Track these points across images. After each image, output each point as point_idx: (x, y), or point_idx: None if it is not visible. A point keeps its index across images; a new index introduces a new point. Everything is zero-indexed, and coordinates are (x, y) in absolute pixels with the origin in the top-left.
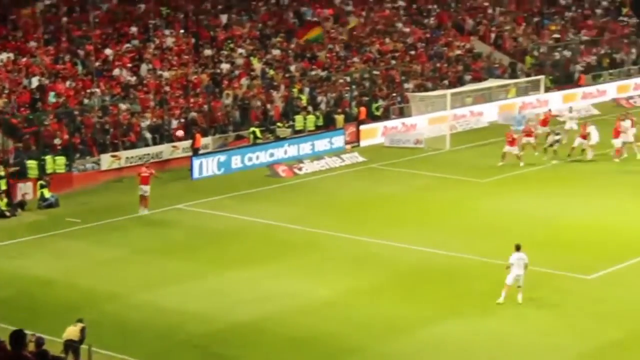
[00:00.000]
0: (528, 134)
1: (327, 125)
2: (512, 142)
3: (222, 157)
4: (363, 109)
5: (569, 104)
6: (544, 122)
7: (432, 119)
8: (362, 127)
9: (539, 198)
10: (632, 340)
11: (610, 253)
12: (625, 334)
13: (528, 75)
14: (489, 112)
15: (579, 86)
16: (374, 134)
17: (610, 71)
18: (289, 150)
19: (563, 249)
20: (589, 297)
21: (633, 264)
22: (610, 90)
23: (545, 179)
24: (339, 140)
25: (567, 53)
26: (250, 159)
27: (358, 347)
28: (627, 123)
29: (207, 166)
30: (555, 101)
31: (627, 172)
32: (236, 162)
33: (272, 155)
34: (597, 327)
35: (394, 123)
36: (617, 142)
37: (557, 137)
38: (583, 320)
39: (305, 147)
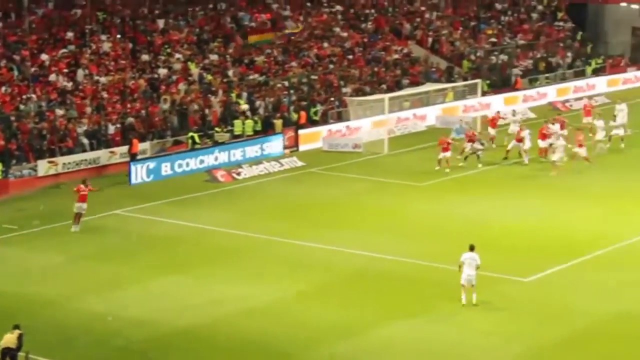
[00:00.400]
0: (471, 139)
1: (266, 130)
2: (446, 148)
3: (161, 163)
4: (303, 114)
5: (511, 107)
6: (493, 124)
7: (374, 123)
8: (300, 132)
9: (476, 201)
10: (569, 341)
11: (547, 255)
12: (562, 335)
13: (465, 79)
14: (428, 116)
15: (516, 90)
16: (313, 138)
17: (547, 75)
18: (227, 155)
19: (500, 252)
20: (526, 300)
21: (569, 266)
22: (550, 93)
23: (482, 183)
24: (277, 145)
25: (504, 57)
26: (188, 164)
27: (301, 350)
28: (555, 127)
29: (145, 172)
30: (497, 104)
31: (560, 176)
32: (175, 167)
33: (210, 160)
34: (535, 328)
35: (339, 126)
36: (542, 144)
37: (480, 147)
38: (521, 322)
39: (244, 152)
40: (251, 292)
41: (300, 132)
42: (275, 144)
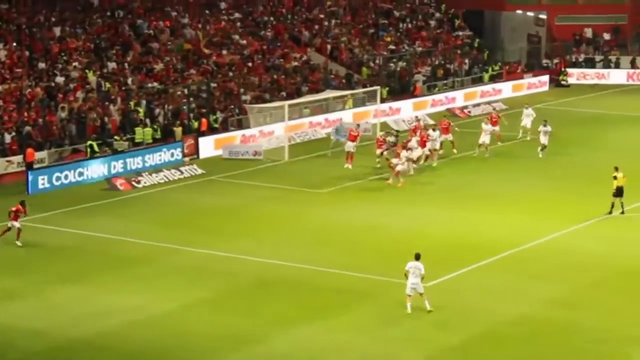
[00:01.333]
0: (380, 144)
1: (166, 138)
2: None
3: (59, 171)
4: (204, 121)
5: (416, 112)
6: (414, 131)
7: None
8: (201, 139)
9: (375, 207)
10: (468, 345)
11: (445, 260)
12: (461, 339)
13: (364, 86)
14: (327, 123)
15: (415, 96)
16: (213, 146)
17: (445, 81)
18: (127, 163)
19: (399, 258)
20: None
21: (466, 271)
22: (448, 99)
23: (382, 189)
24: (177, 153)
25: (402, 64)
26: (87, 173)
27: None
28: (435, 133)
29: (43, 180)
30: (406, 110)
31: (461, 181)
32: (73, 176)
33: (110, 168)
34: (434, 333)
35: (253, 131)
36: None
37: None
38: (421, 327)
39: (143, 160)
40: (149, 301)
41: (201, 139)
42: (175, 152)
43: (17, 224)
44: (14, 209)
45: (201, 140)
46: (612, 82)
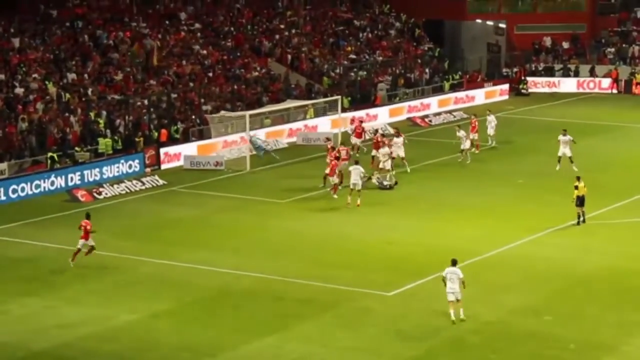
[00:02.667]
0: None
1: (127, 149)
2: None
3: (19, 183)
4: (164, 131)
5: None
6: (358, 134)
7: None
8: (162, 150)
9: (338, 217)
10: (431, 354)
11: (409, 269)
12: (424, 348)
13: (325, 95)
14: (289, 133)
15: (376, 106)
16: (175, 156)
17: (406, 91)
18: (88, 174)
19: (362, 267)
20: (390, 314)
21: (430, 279)
22: (409, 109)
23: (343, 198)
24: (138, 164)
25: (363, 73)
26: (48, 185)
27: None
28: (399, 139)
29: (2, 192)
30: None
31: (421, 190)
32: (33, 187)
33: (70, 179)
34: (398, 342)
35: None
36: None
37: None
38: (384, 336)
39: (104, 171)
40: (111, 313)
41: (162, 150)
42: (136, 163)
43: (89, 242)
44: (82, 225)
45: (162, 150)
46: (563, 91)
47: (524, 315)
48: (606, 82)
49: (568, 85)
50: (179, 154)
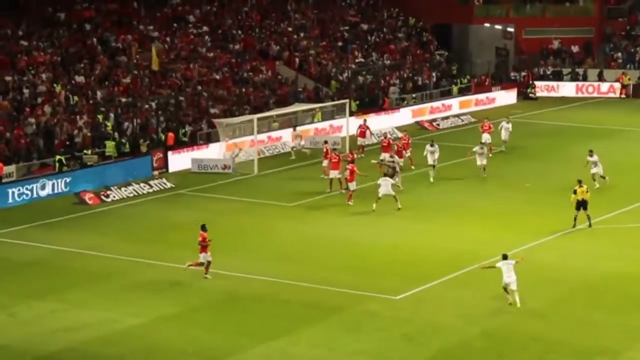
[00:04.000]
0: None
1: (134, 152)
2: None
3: (27, 186)
4: (171, 135)
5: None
6: (361, 133)
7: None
8: (170, 153)
9: (345, 221)
10: (437, 359)
11: (416, 273)
12: (431, 352)
13: (333, 99)
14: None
15: (384, 109)
16: (182, 159)
17: (414, 94)
18: (96, 177)
19: (370, 271)
20: (396, 318)
21: (437, 283)
22: (418, 112)
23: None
24: (146, 167)
25: (371, 77)
26: (56, 187)
27: None
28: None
29: (11, 195)
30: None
31: (429, 194)
32: (42, 190)
33: (78, 182)
34: (404, 346)
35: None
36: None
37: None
38: (391, 340)
39: (112, 174)
40: (118, 316)
41: (170, 153)
42: (143, 166)
43: (208, 256)
44: (200, 239)
45: (170, 153)
46: (561, 95)
47: (530, 319)
48: (605, 86)
49: (568, 89)
50: (187, 156)
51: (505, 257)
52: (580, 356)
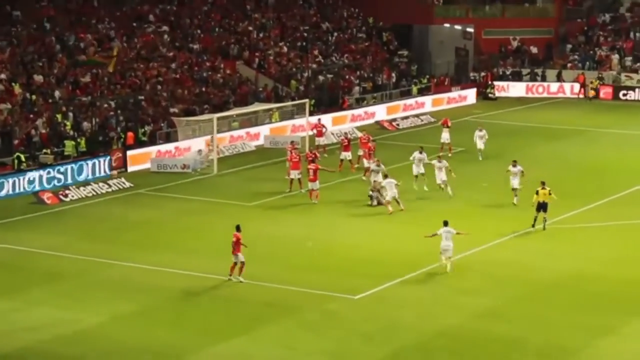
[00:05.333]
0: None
1: (93, 151)
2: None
3: None
4: (130, 134)
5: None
6: (319, 133)
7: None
8: (129, 153)
9: (304, 220)
10: (395, 358)
11: (376, 273)
12: (389, 352)
13: (293, 99)
14: (257, 136)
15: (344, 109)
16: (141, 159)
17: (374, 94)
18: (54, 176)
19: (329, 270)
20: (356, 317)
21: (396, 283)
22: (378, 112)
23: (309, 203)
24: (105, 166)
25: (331, 76)
26: (14, 186)
27: None
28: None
29: None
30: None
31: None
32: (1, 190)
33: (37, 181)
34: (363, 346)
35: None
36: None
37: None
38: (349, 340)
39: (71, 173)
40: (77, 316)
41: (129, 152)
42: (102, 165)
43: (241, 257)
44: (234, 239)
45: (129, 153)
46: (512, 95)
47: (488, 319)
48: (555, 86)
49: (517, 90)
50: (146, 156)
51: (445, 224)
52: (538, 354)
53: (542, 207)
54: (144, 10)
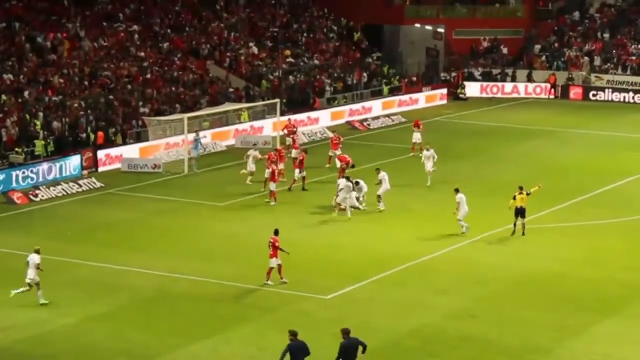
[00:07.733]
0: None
1: (64, 151)
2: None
3: None
4: (101, 134)
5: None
6: (335, 146)
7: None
8: (99, 152)
9: (276, 220)
10: (369, 357)
11: (347, 273)
12: None
13: (264, 98)
14: (227, 136)
15: (314, 109)
16: (112, 159)
17: (344, 94)
18: (24, 176)
19: (301, 270)
20: (327, 317)
21: (368, 283)
22: (348, 112)
23: (282, 202)
24: (75, 166)
25: (302, 77)
26: None
27: None
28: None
29: None
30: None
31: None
32: None
33: (6, 181)
34: (336, 346)
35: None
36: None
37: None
38: (320, 339)
39: (41, 173)
40: (46, 316)
41: (99, 152)
42: (73, 165)
43: (277, 261)
44: (271, 241)
45: (100, 152)
46: (468, 95)
47: (460, 318)
48: (509, 86)
49: (472, 89)
50: (117, 156)
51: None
52: (510, 354)
53: (519, 212)
54: (114, 9)
